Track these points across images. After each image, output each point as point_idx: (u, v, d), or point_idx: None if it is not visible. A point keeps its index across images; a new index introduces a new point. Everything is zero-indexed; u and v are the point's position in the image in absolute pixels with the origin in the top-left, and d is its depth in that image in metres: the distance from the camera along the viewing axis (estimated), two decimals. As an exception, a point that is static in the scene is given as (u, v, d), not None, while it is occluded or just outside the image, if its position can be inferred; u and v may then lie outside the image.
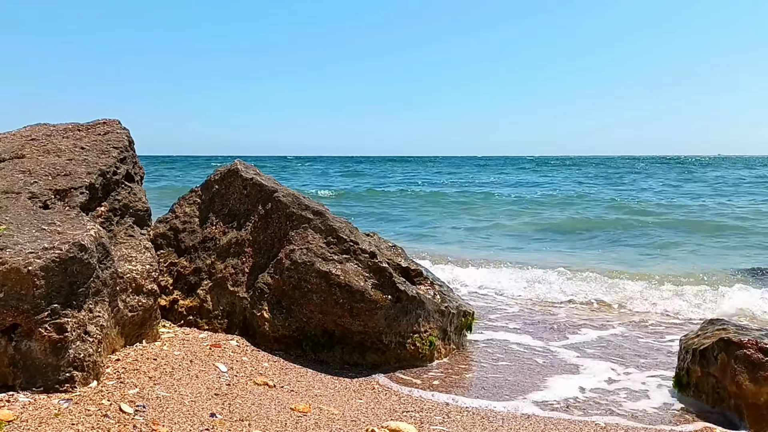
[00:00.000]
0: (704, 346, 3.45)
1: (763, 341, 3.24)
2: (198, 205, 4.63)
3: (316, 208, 4.22)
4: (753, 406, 3.15)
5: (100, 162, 3.83)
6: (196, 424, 2.60)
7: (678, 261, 9.02)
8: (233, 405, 2.89)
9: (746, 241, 10.86)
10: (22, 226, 2.96)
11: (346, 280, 3.83)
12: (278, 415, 2.86)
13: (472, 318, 4.56)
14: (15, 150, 3.84)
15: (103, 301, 3.04)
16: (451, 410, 3.26)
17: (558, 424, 3.15)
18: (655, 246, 10.45)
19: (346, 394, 3.37)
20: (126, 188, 3.95)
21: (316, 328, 3.93)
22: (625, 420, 3.25)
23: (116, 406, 2.60)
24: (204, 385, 3.09)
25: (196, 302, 4.24)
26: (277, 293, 3.99)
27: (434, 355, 4.09)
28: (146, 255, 3.76)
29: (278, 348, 3.91)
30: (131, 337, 3.48)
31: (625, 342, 4.94)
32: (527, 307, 6.11)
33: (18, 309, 2.61)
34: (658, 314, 5.92)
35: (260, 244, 4.29)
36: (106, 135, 4.17)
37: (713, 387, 3.38)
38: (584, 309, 6.12)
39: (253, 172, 4.64)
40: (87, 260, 2.88)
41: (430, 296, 4.16)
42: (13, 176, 3.49)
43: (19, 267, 2.61)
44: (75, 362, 2.71)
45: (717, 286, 6.77)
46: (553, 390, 3.71)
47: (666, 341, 4.96)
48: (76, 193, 3.49)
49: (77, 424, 2.36)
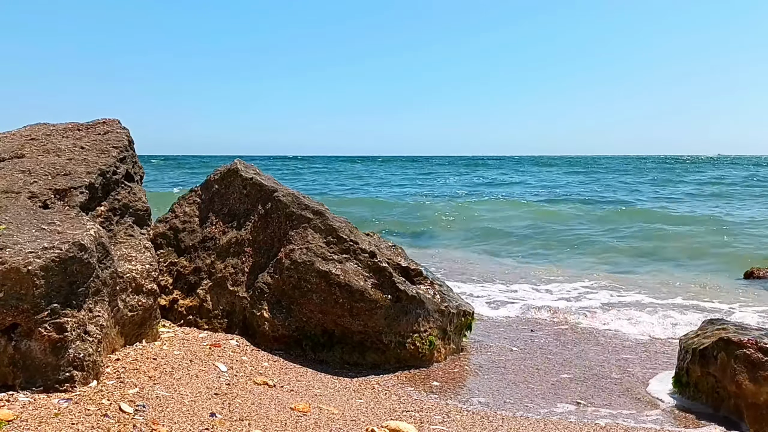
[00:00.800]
0: (704, 346, 3.45)
1: (762, 341, 3.24)
2: (198, 205, 4.63)
3: (316, 207, 4.22)
4: (752, 406, 3.15)
5: (99, 162, 3.83)
6: (196, 423, 2.60)
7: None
8: (233, 404, 2.89)
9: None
10: (21, 226, 2.96)
11: (345, 279, 3.83)
12: (278, 415, 2.86)
13: (472, 318, 4.56)
14: (15, 149, 3.83)
15: (103, 300, 3.04)
16: (451, 410, 3.26)
17: (558, 424, 3.15)
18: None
19: (346, 394, 3.37)
20: (126, 188, 3.95)
21: (316, 327, 3.93)
22: (625, 420, 3.25)
23: (116, 405, 2.60)
24: (204, 385, 3.09)
25: (196, 302, 4.24)
26: (277, 293, 3.99)
27: (434, 355, 4.08)
28: (146, 255, 3.76)
29: (278, 348, 3.91)
30: (131, 337, 3.48)
31: (624, 341, 4.94)
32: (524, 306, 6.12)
33: (18, 308, 2.61)
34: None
35: (260, 243, 4.28)
36: (105, 135, 4.17)
37: (713, 387, 3.39)
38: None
39: (253, 172, 4.64)
40: (87, 260, 2.87)
41: (430, 296, 4.16)
42: (12, 176, 3.49)
43: (18, 267, 2.61)
44: (75, 362, 2.71)
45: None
46: (553, 390, 3.71)
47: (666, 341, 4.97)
48: (76, 193, 3.49)
49: (77, 424, 2.35)
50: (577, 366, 4.23)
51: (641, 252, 10.05)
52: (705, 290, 7.15)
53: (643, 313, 5.77)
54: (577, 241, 11.19)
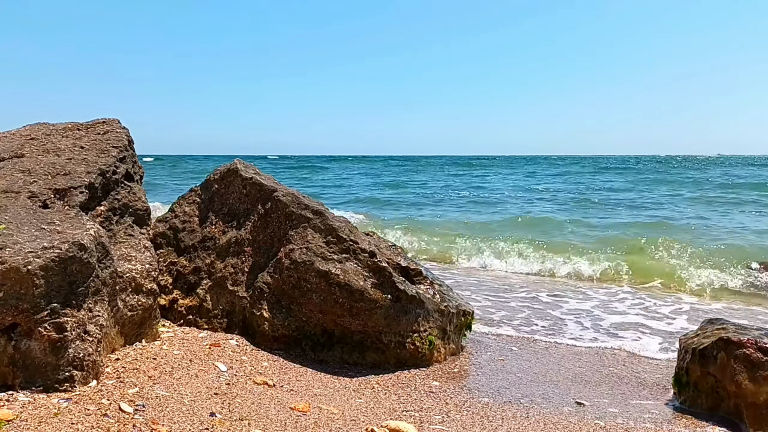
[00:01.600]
0: (703, 346, 3.45)
1: (762, 341, 3.24)
2: (197, 205, 4.63)
3: (316, 207, 4.22)
4: (752, 406, 3.15)
5: (99, 161, 3.82)
6: (196, 423, 2.60)
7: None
8: (233, 404, 2.89)
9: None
10: (21, 226, 2.96)
11: (345, 279, 3.83)
12: (278, 415, 2.86)
13: (472, 317, 4.56)
14: (14, 149, 3.83)
15: (103, 300, 3.04)
16: (451, 410, 3.26)
17: (558, 423, 3.15)
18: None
19: (346, 394, 3.37)
20: (125, 187, 3.95)
21: (316, 327, 3.93)
22: (625, 420, 3.25)
23: (116, 405, 2.60)
24: (203, 385, 3.09)
25: (196, 301, 4.24)
26: (277, 292, 3.99)
27: (434, 355, 4.08)
28: (146, 254, 3.75)
29: (278, 347, 3.91)
30: (131, 337, 3.48)
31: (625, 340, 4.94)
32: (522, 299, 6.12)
33: (17, 308, 2.61)
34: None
35: (260, 243, 4.28)
36: (105, 134, 4.17)
37: (712, 386, 3.39)
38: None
39: (253, 172, 4.63)
40: (86, 259, 2.87)
41: (430, 295, 4.16)
42: (12, 175, 3.49)
43: (18, 266, 2.61)
44: (74, 361, 2.71)
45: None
46: (553, 389, 3.72)
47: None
48: (76, 193, 3.49)
49: (77, 424, 2.35)
50: (577, 366, 4.23)
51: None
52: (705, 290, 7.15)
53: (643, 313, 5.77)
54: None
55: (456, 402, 3.40)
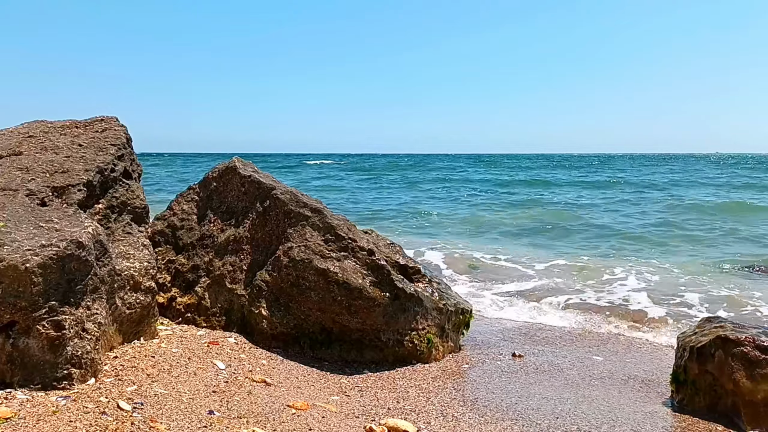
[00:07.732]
0: (701, 344, 3.45)
1: (760, 339, 3.25)
2: (196, 203, 4.62)
3: (314, 205, 4.22)
4: (750, 404, 3.15)
5: (97, 159, 3.82)
6: (194, 421, 2.60)
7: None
8: (231, 402, 2.89)
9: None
10: (19, 224, 2.96)
11: (344, 277, 3.83)
12: (276, 413, 2.86)
13: (470, 316, 4.56)
14: (12, 147, 3.82)
15: (101, 298, 3.03)
16: (449, 408, 3.26)
17: (556, 421, 3.15)
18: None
19: (344, 392, 3.37)
20: (124, 185, 3.94)
21: (314, 325, 3.93)
22: (625, 419, 3.26)
23: (114, 403, 2.60)
24: (202, 383, 3.09)
25: (194, 299, 4.24)
26: (275, 290, 3.99)
27: (432, 353, 4.09)
28: (144, 252, 3.75)
29: (276, 345, 3.91)
30: (129, 335, 3.47)
31: (622, 341, 4.95)
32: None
33: (15, 306, 2.61)
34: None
35: (258, 241, 4.28)
36: (103, 132, 4.16)
37: (710, 384, 3.39)
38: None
39: (251, 170, 4.63)
40: (85, 257, 2.87)
41: (428, 294, 4.16)
42: (10, 173, 3.48)
43: (16, 264, 2.61)
44: (73, 359, 2.71)
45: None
46: (552, 388, 3.72)
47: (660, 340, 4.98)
48: (74, 191, 3.48)
49: (75, 422, 2.35)
50: (576, 365, 4.23)
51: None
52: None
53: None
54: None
55: (454, 400, 3.40)
